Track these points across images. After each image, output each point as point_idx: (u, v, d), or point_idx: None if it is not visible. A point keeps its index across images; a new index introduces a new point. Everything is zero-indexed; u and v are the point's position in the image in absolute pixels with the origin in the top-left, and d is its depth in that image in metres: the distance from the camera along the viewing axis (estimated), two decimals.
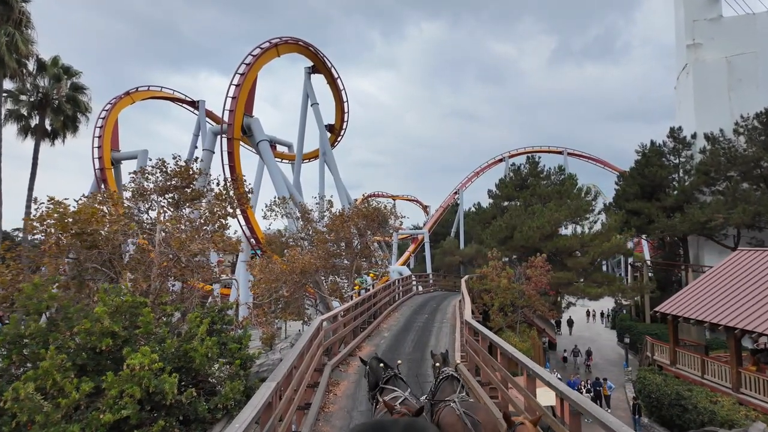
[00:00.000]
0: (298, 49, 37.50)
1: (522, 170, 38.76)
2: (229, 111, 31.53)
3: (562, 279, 29.62)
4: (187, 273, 12.96)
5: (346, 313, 13.76)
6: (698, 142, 36.83)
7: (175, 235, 14.07)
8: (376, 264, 25.32)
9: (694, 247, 37.58)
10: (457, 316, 19.77)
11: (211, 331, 13.04)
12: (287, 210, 25.45)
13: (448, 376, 5.82)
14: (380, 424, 3.65)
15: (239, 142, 32.13)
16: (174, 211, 15.25)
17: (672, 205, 35.60)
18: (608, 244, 29.82)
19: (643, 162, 37.41)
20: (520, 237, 30.28)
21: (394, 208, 26.02)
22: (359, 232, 24.09)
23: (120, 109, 41.43)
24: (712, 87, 37.43)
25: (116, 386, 9.10)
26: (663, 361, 22.71)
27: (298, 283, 21.53)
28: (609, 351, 38.53)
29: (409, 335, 16.31)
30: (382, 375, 5.93)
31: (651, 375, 21.14)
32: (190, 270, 12.94)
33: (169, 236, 13.82)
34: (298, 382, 7.71)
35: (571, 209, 31.71)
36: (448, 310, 22.69)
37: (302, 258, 20.26)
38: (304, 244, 25.10)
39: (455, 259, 57.61)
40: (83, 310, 10.58)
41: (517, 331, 26.81)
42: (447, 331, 17.09)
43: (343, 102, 44.33)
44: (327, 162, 42.53)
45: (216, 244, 13.20)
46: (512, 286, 25.81)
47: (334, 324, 12.16)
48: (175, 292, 14.02)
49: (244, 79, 31.93)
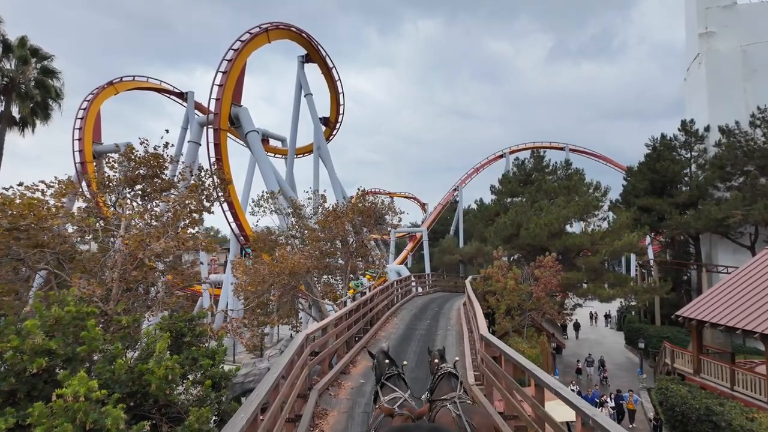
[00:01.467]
0: (290, 35, 35.39)
1: (526, 165, 36.89)
2: (215, 99, 29.43)
3: (572, 279, 27.79)
4: (151, 276, 10.98)
5: (339, 322, 11.84)
6: (712, 136, 35.05)
7: (142, 231, 12.12)
8: (373, 263, 23.35)
9: (706, 246, 35.82)
10: (462, 322, 17.89)
11: (180, 345, 11.12)
12: (277, 206, 23.45)
13: (446, 374, 5.58)
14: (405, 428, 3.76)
15: (226, 134, 30.06)
16: (141, 204, 13.27)
17: (685, 201, 33.83)
18: (620, 243, 27.98)
19: (653, 156, 35.59)
20: (527, 235, 28.40)
21: (393, 203, 24.06)
22: (355, 229, 22.14)
23: (103, 99, 39.22)
24: (726, 77, 35.59)
25: (45, 422, 7.11)
26: (685, 369, 20.87)
27: (287, 286, 19.56)
28: (618, 355, 36.75)
29: (410, 345, 14.38)
30: (386, 371, 5.67)
31: (674, 386, 19.28)
32: (157, 272, 10.96)
33: (135, 233, 11.87)
34: (272, 422, 5.79)
35: (580, 205, 29.84)
36: (451, 315, 20.79)
37: (291, 258, 18.28)
38: (295, 243, 23.13)
39: (455, 257, 55.82)
40: (14, 323, 8.61)
41: (524, 336, 24.96)
42: (453, 340, 15.18)
43: (338, 93, 42.28)
44: (322, 156, 40.50)
45: (184, 243, 11.21)
46: (520, 288, 23.94)
47: (322, 338, 10.22)
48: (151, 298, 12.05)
49: (232, 65, 29.84)
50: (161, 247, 9.89)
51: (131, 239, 9.94)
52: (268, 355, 23.08)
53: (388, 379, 5.51)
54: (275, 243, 23.72)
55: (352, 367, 11.65)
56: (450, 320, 19.36)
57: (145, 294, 11.35)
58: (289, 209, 23.66)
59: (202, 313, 11.65)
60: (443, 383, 5.46)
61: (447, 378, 5.51)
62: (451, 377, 5.53)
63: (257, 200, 22.22)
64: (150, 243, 9.90)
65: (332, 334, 10.74)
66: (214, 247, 12.41)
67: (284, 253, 18.43)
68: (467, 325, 16.73)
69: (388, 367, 5.74)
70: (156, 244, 9.90)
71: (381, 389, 5.42)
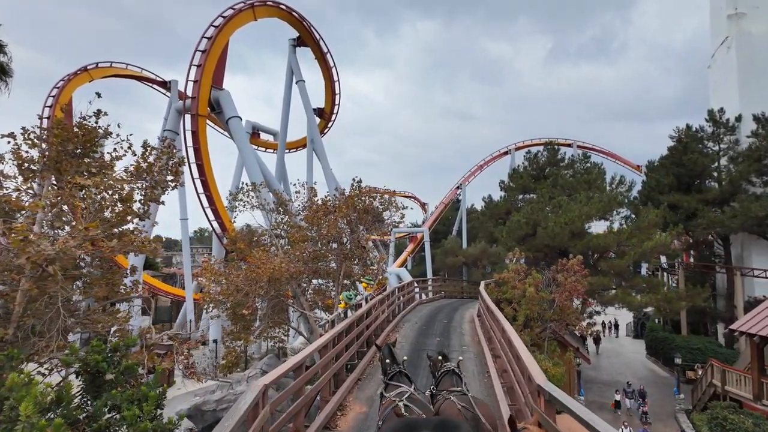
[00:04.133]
0: (279, 13, 31.99)
1: (539, 158, 33.57)
2: (193, 82, 26.06)
3: (596, 285, 24.46)
4: (52, 287, 7.65)
5: (324, 350, 8.54)
6: (743, 126, 31.86)
7: (32, 221, 8.81)
8: (371, 266, 19.98)
9: (737, 247, 32.62)
10: (482, 340, 14.58)
11: (98, 387, 7.85)
12: (260, 200, 20.06)
13: (449, 371, 5.64)
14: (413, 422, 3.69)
15: (206, 120, 26.66)
16: (64, 189, 9.93)
17: (716, 197, 30.61)
18: (650, 243, 24.68)
19: (680, 149, 32.35)
20: (545, 234, 25.11)
21: (393, 198, 20.69)
22: (350, 227, 18.79)
23: (75, 86, 35.79)
24: (759, 62, 32.43)
25: None
26: (741, 394, 17.58)
27: (267, 295, 16.20)
28: (639, 367, 33.47)
29: (418, 377, 11.03)
30: (388, 370, 5.74)
31: (734, 415, 15.98)
32: (60, 283, 7.62)
33: (21, 224, 8.56)
34: None
35: (603, 202, 26.54)
36: (464, 329, 17.47)
37: (271, 262, 14.92)
38: (281, 243, 19.78)
39: (458, 260, 52.42)
40: None
41: (545, 351, 21.60)
42: (473, 367, 11.85)
43: (333, 82, 38.94)
44: (316, 150, 37.07)
45: (102, 243, 7.88)
46: (541, 295, 20.62)
47: (292, 386, 6.89)
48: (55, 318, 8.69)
49: (213, 44, 26.46)
50: (54, 250, 6.56)
51: (13, 240, 6.61)
52: (248, 376, 19.68)
53: (392, 378, 5.54)
54: (258, 244, 20.36)
55: (340, 416, 8.32)
56: (464, 336, 16.04)
57: (51, 312, 7.99)
58: (274, 203, 20.32)
59: (131, 340, 8.30)
60: (446, 379, 5.50)
61: (450, 375, 5.54)
62: (454, 375, 5.56)
63: (234, 193, 18.83)
64: (39, 244, 6.56)
65: (308, 375, 7.41)
66: (146, 248, 9.03)
67: (262, 256, 15.07)
68: (488, 345, 13.45)
69: (390, 367, 5.76)
70: (46, 243, 6.58)
71: (385, 389, 5.39)
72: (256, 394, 5.50)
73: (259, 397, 5.59)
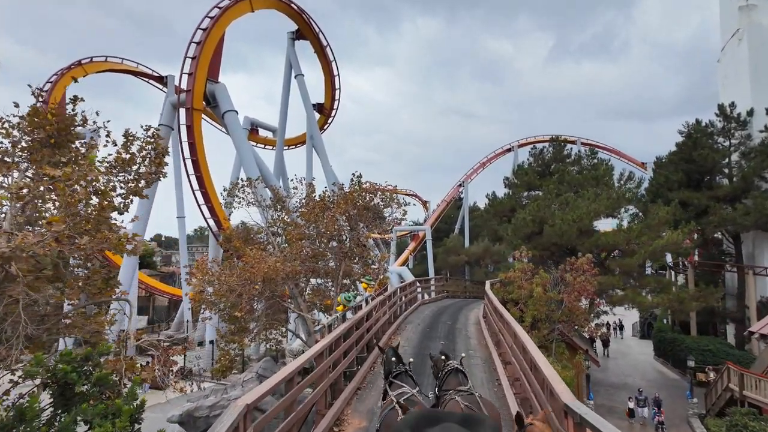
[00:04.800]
0: (277, 4, 31.10)
1: (545, 154, 32.70)
2: (187, 75, 25.21)
3: (605, 285, 23.61)
4: (15, 287, 6.83)
5: (319, 358, 7.70)
6: (755, 121, 30.93)
7: None
8: (371, 266, 19.13)
9: (748, 245, 31.71)
10: (489, 344, 13.74)
11: (68, 400, 7.06)
12: (257, 196, 19.23)
13: (453, 369, 5.31)
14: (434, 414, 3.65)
15: (201, 114, 25.82)
16: (35, 181, 9.10)
17: (727, 194, 29.69)
18: (661, 241, 23.83)
19: (689, 144, 31.42)
20: (552, 232, 24.24)
21: (395, 194, 19.83)
22: (350, 224, 17.94)
23: (69, 81, 34.97)
24: None
25: None
26: (761, 399, 16.72)
27: (262, 296, 15.38)
28: (647, 368, 32.62)
29: (423, 384, 10.16)
30: (393, 369, 5.41)
31: (754, 422, 15.13)
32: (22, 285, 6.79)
33: None
34: None
35: (612, 199, 25.67)
36: (470, 331, 16.62)
37: (266, 261, 14.09)
38: (278, 242, 18.94)
39: (460, 258, 51.56)
40: None
41: (552, 353, 20.75)
42: (482, 374, 10.99)
43: (333, 76, 38.03)
44: (315, 147, 36.25)
45: (68, 240, 7.04)
46: (549, 296, 19.79)
47: (280, 403, 6.06)
48: None
49: (208, 35, 25.60)
50: (9, 247, 5.73)
51: None
52: (243, 379, 18.85)
53: (396, 377, 5.32)
54: (254, 242, 19.52)
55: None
56: (470, 340, 15.19)
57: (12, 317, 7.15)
58: (271, 200, 19.48)
59: (104, 347, 7.47)
60: (450, 378, 5.24)
61: (454, 373, 5.29)
62: (459, 373, 5.32)
63: (229, 188, 18.00)
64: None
65: (301, 388, 6.58)
66: (124, 246, 8.19)
67: (256, 255, 14.23)
68: (497, 350, 12.61)
69: (395, 366, 5.50)
70: (1, 240, 5.75)
71: (389, 387, 5.20)
72: (235, 416, 4.66)
73: (239, 420, 4.75)
